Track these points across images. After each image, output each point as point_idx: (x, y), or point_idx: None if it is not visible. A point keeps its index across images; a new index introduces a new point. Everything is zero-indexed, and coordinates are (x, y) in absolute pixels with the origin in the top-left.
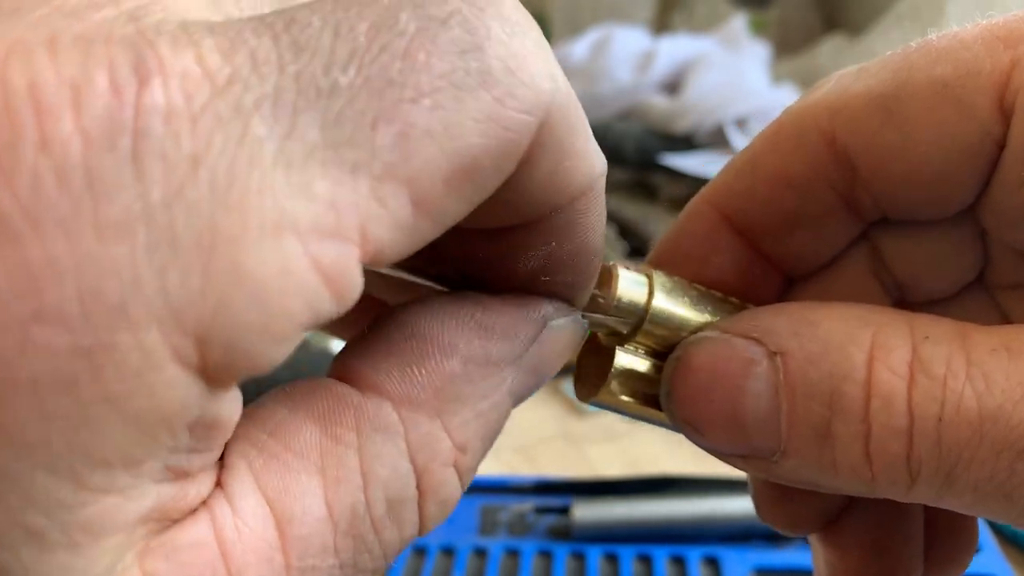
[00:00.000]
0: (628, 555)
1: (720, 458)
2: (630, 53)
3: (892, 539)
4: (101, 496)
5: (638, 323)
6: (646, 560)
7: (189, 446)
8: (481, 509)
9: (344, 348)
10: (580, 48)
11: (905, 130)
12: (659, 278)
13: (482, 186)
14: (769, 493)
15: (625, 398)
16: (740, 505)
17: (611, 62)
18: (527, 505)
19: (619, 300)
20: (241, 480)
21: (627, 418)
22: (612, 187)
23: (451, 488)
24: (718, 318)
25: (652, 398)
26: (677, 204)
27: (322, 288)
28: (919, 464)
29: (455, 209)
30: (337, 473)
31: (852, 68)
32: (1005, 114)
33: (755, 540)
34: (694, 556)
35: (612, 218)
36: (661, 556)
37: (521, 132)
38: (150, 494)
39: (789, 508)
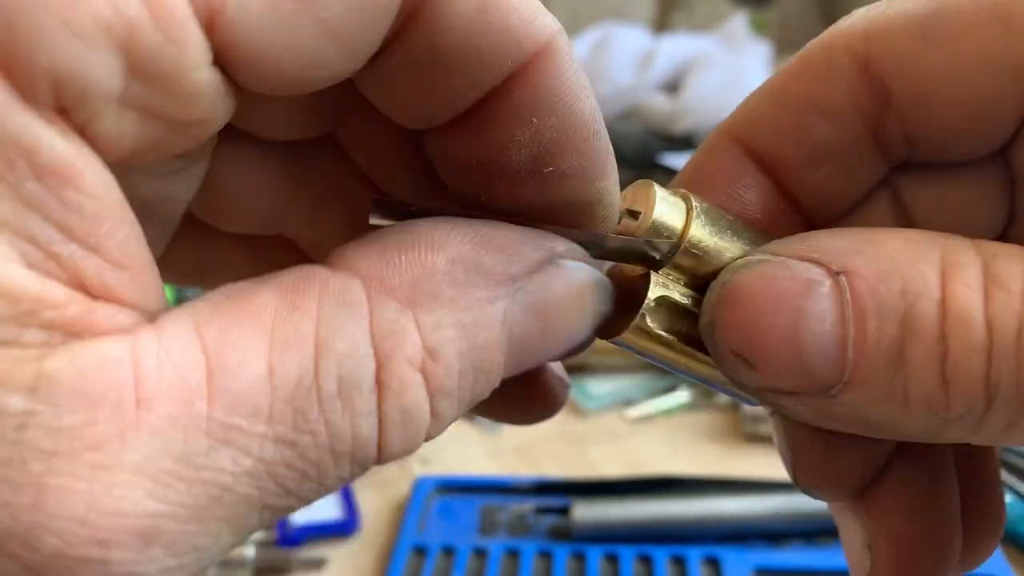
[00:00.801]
0: (628, 555)
1: (767, 399)
2: (630, 53)
3: (932, 503)
4: None
5: (675, 248)
6: (646, 560)
7: (42, 205)
8: (481, 509)
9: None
10: (580, 48)
11: (947, 51)
12: (696, 200)
13: None
14: (809, 450)
15: (661, 333)
16: (740, 505)
17: (611, 62)
18: (527, 505)
19: (655, 221)
20: (178, 321)
21: (658, 364)
22: None
23: (414, 394)
24: (759, 246)
25: (688, 337)
26: None
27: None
28: (997, 384)
29: None
30: (287, 337)
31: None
32: None
33: (755, 540)
34: (694, 556)
35: None
36: (661, 556)
37: None
38: (20, 278)
39: (830, 467)
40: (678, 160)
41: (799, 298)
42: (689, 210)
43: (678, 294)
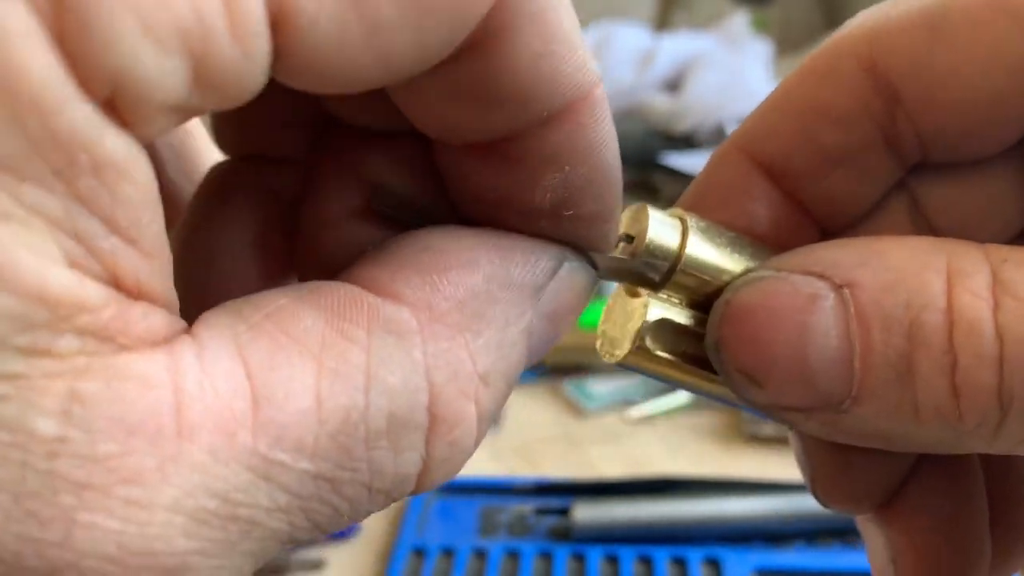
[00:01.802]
0: (629, 556)
1: (777, 416)
2: (631, 52)
3: (958, 513)
4: None
5: (671, 268)
6: (647, 561)
7: (96, 200)
8: (481, 510)
9: (352, 266)
10: None
11: (954, 49)
12: (693, 220)
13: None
14: (827, 463)
15: (662, 354)
16: (741, 506)
17: (612, 61)
18: (527, 506)
19: (650, 243)
20: (219, 338)
21: (666, 383)
22: None
23: (467, 426)
24: (760, 263)
25: (693, 357)
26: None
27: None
28: (1011, 394)
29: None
30: (337, 366)
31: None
32: None
33: (756, 541)
34: (695, 557)
35: None
36: (662, 557)
37: None
38: (61, 280)
39: (849, 480)
40: (679, 159)
41: (802, 313)
42: (684, 231)
43: (679, 314)
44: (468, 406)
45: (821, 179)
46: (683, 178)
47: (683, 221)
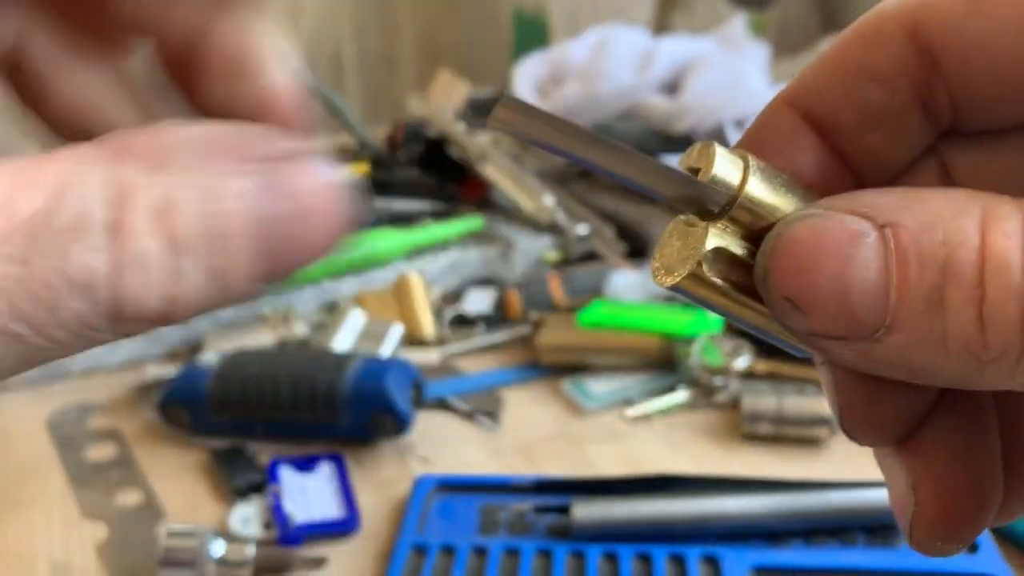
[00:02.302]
0: (627, 554)
1: (815, 344)
2: (630, 53)
3: (973, 451)
4: None
5: (731, 201)
6: (645, 559)
7: None
8: (481, 508)
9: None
10: (579, 48)
11: (990, 18)
12: (753, 160)
13: None
14: (856, 395)
15: (717, 281)
16: (739, 504)
17: (611, 62)
18: (527, 504)
19: (714, 176)
20: None
21: (713, 311)
22: (611, 188)
23: (147, 242)
24: (809, 203)
25: (744, 287)
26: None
27: None
28: None
29: None
30: (30, 179)
31: None
32: None
33: (754, 539)
34: (693, 555)
35: (612, 219)
36: (660, 555)
37: None
38: None
39: (875, 412)
40: (677, 160)
41: (846, 247)
42: (746, 168)
43: (734, 245)
44: (147, 224)
45: (862, 135)
46: None
47: (745, 160)
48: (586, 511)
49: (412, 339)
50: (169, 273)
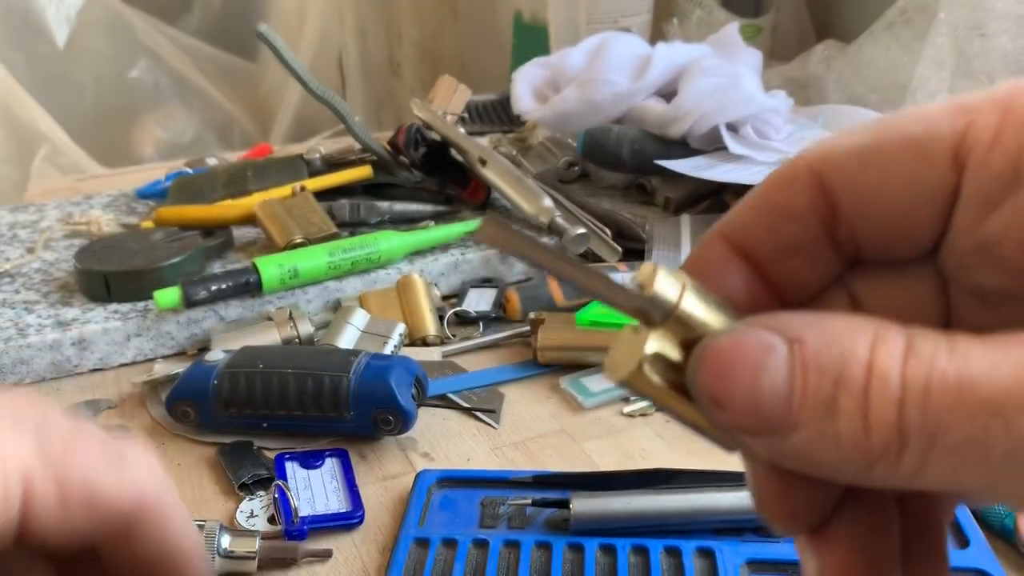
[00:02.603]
0: (624, 547)
1: (734, 438)
2: (627, 59)
3: (876, 542)
4: None
5: (669, 313)
6: (642, 552)
7: None
8: (482, 502)
9: None
10: (577, 54)
11: (879, 173)
12: (690, 282)
13: None
14: (772, 488)
15: (655, 379)
16: (733, 499)
17: (608, 68)
18: (526, 498)
19: (655, 293)
20: None
21: (651, 404)
22: (609, 189)
23: None
24: (735, 321)
25: (678, 385)
26: (672, 206)
27: None
28: (908, 429)
29: None
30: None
31: (841, 130)
32: (959, 167)
33: (747, 534)
34: (688, 548)
35: (609, 220)
36: (656, 548)
37: None
38: None
39: (787, 499)
40: (673, 163)
41: (760, 357)
42: (683, 288)
43: (672, 351)
44: None
45: (782, 263)
46: (677, 181)
47: (682, 282)
48: (584, 505)
49: (414, 338)
50: None
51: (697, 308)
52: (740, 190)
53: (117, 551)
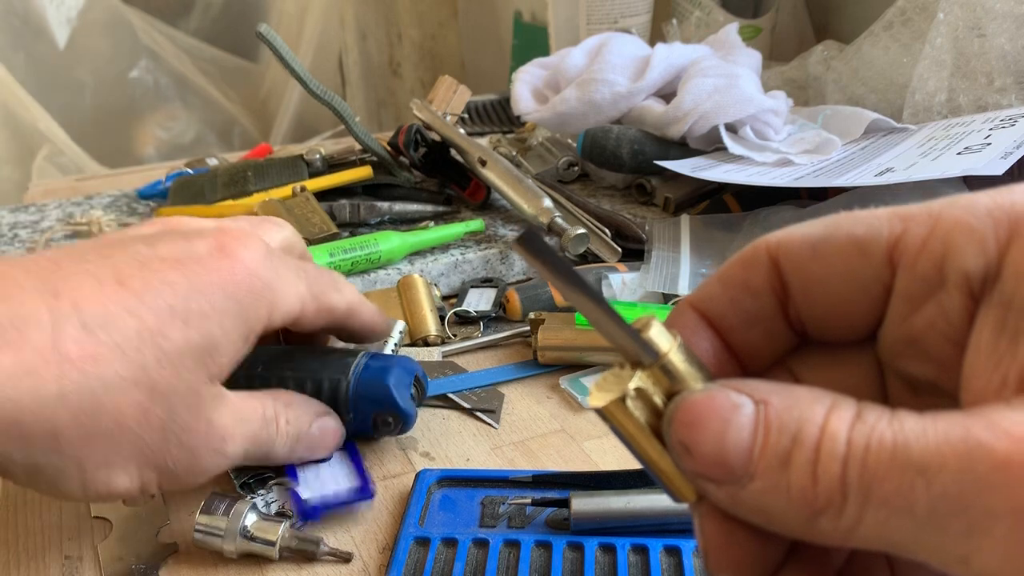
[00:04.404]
0: (624, 545)
1: (698, 485)
2: (626, 59)
3: None
4: None
5: (659, 358)
6: (641, 551)
7: None
8: (482, 502)
9: None
10: (577, 55)
11: (824, 263)
12: (680, 339)
13: None
14: (719, 537)
15: (634, 413)
16: None
17: (607, 69)
18: (526, 498)
19: (649, 339)
20: None
21: (620, 439)
22: (609, 189)
23: None
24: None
25: (652, 428)
26: (672, 206)
27: None
28: (849, 483)
29: None
30: None
31: (799, 224)
32: (892, 266)
33: None
34: (688, 546)
35: (608, 220)
36: (656, 547)
37: None
38: None
39: (735, 552)
40: (673, 164)
41: (729, 413)
42: (675, 340)
43: (654, 394)
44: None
45: (743, 333)
46: (677, 181)
47: (675, 336)
48: (584, 504)
49: (415, 337)
50: None
51: (681, 363)
52: (739, 190)
53: (339, 330)
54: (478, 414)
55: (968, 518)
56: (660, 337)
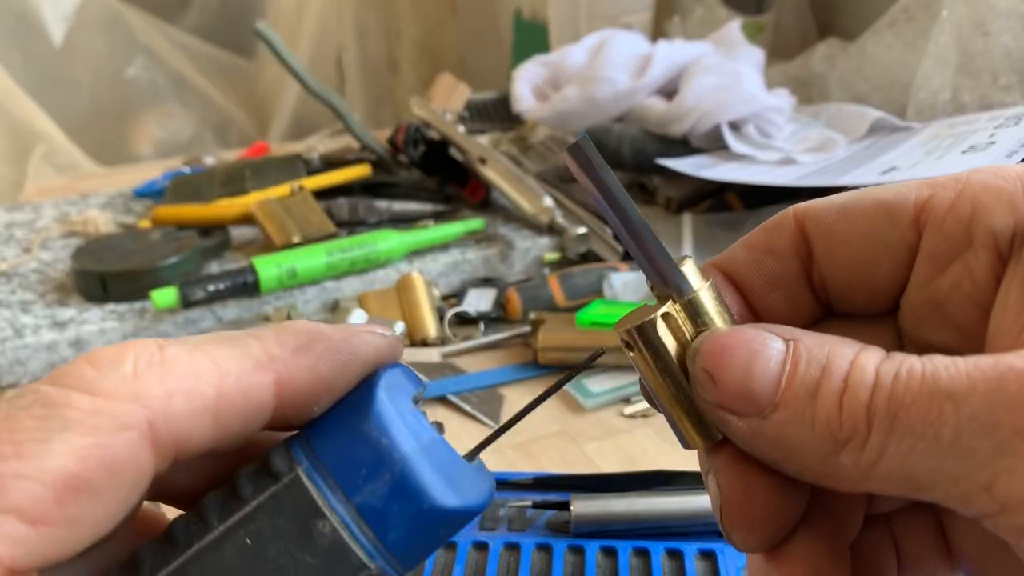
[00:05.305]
0: (626, 549)
1: (718, 417)
2: (628, 57)
3: (830, 570)
4: None
5: (691, 293)
6: (643, 554)
7: None
8: None
9: None
10: (578, 52)
11: (850, 224)
12: (713, 282)
13: None
14: (735, 496)
15: (661, 336)
16: None
17: (608, 66)
18: (527, 500)
19: (684, 273)
20: None
21: (636, 367)
22: None
23: None
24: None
25: (675, 359)
26: (674, 206)
27: None
28: (874, 412)
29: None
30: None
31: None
32: (919, 228)
33: None
34: (690, 550)
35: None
36: (658, 550)
37: None
38: None
39: (752, 506)
40: (674, 162)
41: (759, 344)
42: (708, 280)
43: (681, 322)
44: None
45: (767, 295)
46: (678, 180)
47: (708, 276)
48: (585, 507)
49: (414, 338)
50: None
51: (711, 303)
52: (742, 189)
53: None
54: (478, 415)
55: (997, 438)
56: (694, 275)
